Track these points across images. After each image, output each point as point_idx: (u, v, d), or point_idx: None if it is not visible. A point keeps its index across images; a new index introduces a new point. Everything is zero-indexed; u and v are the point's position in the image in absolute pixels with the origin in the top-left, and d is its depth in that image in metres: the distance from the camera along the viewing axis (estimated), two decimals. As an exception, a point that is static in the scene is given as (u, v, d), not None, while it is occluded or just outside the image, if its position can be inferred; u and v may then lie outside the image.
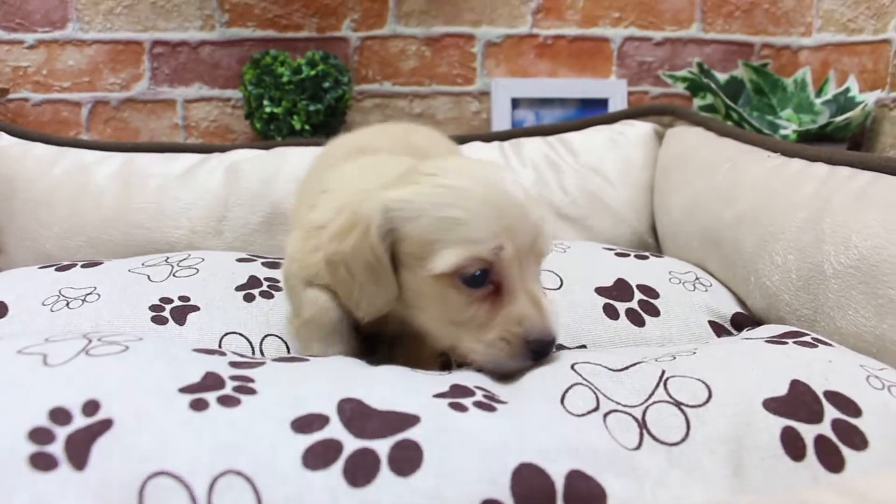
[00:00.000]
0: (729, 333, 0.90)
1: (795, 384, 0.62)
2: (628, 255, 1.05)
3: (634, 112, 1.39)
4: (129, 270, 0.93)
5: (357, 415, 0.55)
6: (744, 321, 0.93)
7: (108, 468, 0.48)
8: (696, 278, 0.99)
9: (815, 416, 0.59)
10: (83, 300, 0.85)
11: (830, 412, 0.60)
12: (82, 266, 0.94)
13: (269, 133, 1.48)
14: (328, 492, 0.49)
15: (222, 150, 1.26)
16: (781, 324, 0.88)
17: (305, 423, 0.53)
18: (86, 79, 1.63)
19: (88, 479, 0.48)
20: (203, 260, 0.97)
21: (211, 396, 0.54)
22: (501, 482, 0.51)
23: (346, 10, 1.64)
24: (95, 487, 0.47)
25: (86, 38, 1.61)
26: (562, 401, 0.60)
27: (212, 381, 0.56)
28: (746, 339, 0.77)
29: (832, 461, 0.57)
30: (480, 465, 0.52)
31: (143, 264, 0.96)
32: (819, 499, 0.41)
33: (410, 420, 0.55)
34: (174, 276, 0.92)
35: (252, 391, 0.56)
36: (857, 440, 0.58)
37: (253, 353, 0.81)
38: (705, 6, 1.71)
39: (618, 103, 1.69)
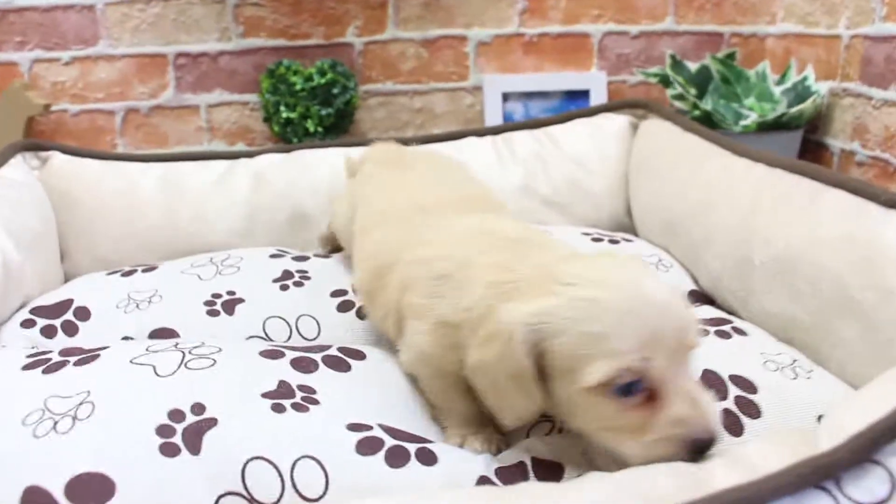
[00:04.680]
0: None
1: (706, 372, 0.79)
2: (602, 240, 1.23)
3: (612, 106, 1.55)
4: (182, 272, 1.11)
5: (391, 429, 0.73)
6: (698, 297, 1.11)
7: (217, 454, 0.66)
8: (659, 260, 1.16)
9: (722, 395, 0.76)
10: (149, 301, 1.03)
11: (733, 391, 0.77)
12: (143, 271, 1.12)
13: (286, 136, 1.65)
14: (374, 471, 0.67)
15: (249, 155, 1.42)
16: (725, 302, 1.06)
17: (356, 427, 0.72)
18: (117, 90, 1.80)
19: (203, 462, 0.65)
20: (242, 259, 1.15)
21: (286, 402, 0.72)
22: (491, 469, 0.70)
23: (349, 18, 1.81)
24: (209, 467, 0.65)
25: (115, 53, 1.78)
26: None
27: (285, 390, 0.74)
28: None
29: (734, 428, 0.73)
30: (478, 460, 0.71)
31: (191, 265, 1.13)
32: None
33: (428, 440, 0.73)
34: (220, 274, 1.10)
35: (316, 401, 0.74)
36: (753, 411, 0.75)
37: (290, 333, 0.99)
38: (678, 1, 1.87)
39: (599, 93, 1.85)
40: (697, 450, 0.62)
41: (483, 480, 0.68)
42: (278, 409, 0.71)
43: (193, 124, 1.83)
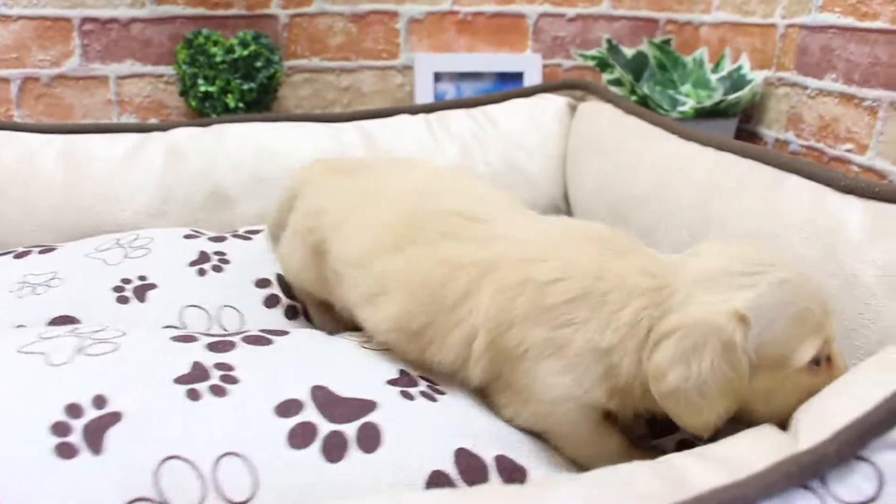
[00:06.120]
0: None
1: None
2: (543, 226, 1.17)
3: (550, 86, 1.50)
4: (85, 255, 1.00)
5: (325, 400, 0.64)
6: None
7: (124, 453, 0.57)
8: (604, 247, 1.12)
9: None
10: (47, 285, 0.92)
11: None
12: (39, 252, 1.01)
13: (204, 111, 1.53)
14: (310, 466, 0.59)
15: (162, 129, 1.31)
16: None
17: (285, 408, 0.63)
18: (13, 55, 1.64)
19: (107, 463, 0.56)
20: (152, 239, 1.05)
21: (202, 386, 0.63)
22: (447, 458, 0.62)
23: (274, -12, 1.70)
24: (115, 470, 0.56)
25: (10, 13, 1.62)
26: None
27: (199, 372, 0.65)
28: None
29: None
30: (430, 444, 0.62)
31: (96, 249, 1.02)
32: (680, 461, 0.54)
33: (370, 405, 0.65)
34: (127, 257, 0.99)
35: (235, 380, 0.65)
36: None
37: (210, 325, 0.90)
38: (615, -16, 1.84)
39: (533, 76, 1.80)
40: None
41: (437, 476, 0.61)
42: (194, 395, 0.62)
43: (101, 97, 1.69)
